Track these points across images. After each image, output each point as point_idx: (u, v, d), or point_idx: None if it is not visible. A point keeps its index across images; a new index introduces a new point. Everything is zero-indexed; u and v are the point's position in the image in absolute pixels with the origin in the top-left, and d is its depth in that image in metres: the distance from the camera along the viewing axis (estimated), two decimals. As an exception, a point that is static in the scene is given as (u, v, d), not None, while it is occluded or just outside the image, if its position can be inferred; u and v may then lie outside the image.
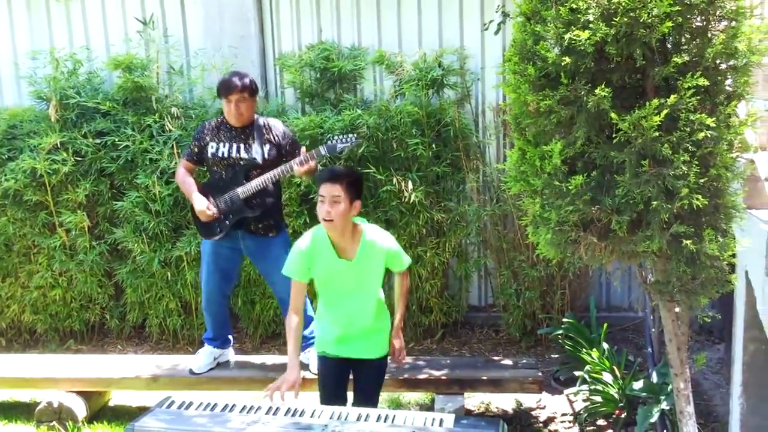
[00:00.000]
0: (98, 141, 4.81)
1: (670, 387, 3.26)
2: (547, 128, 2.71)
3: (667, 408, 3.37)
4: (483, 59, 4.96)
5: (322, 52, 4.88)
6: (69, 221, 4.78)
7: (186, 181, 3.91)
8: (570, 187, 2.58)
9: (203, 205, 3.78)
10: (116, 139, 4.75)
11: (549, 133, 2.73)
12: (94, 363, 4.26)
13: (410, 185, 4.54)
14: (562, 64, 2.58)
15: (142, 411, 2.86)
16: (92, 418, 4.03)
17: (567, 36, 2.56)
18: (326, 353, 3.16)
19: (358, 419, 2.71)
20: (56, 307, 5.00)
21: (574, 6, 2.58)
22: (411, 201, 4.54)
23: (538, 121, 2.73)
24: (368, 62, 4.91)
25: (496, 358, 4.51)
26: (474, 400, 4.13)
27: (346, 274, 3.03)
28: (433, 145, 4.67)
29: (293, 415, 2.75)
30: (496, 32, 4.43)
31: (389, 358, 3.24)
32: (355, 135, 3.84)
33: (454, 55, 4.82)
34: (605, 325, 4.17)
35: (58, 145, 4.74)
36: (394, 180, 4.55)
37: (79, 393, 3.99)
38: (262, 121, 3.86)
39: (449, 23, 4.97)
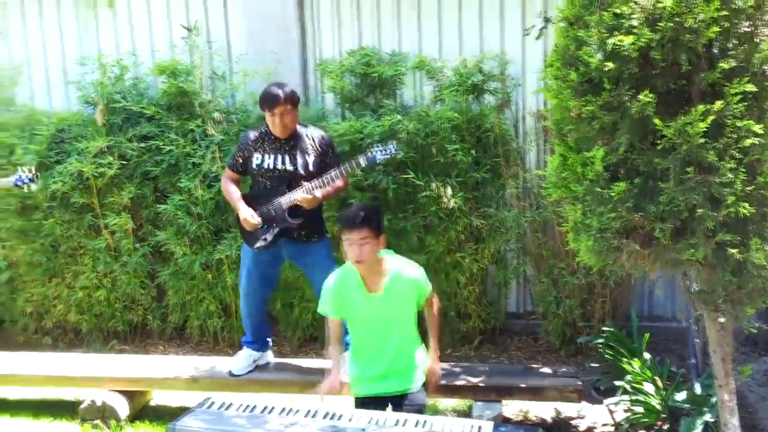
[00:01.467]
0: (143, 145, 4.90)
1: (714, 399, 3.19)
2: (589, 134, 2.69)
3: (711, 420, 3.30)
4: (524, 64, 4.94)
5: (362, 57, 4.91)
6: (114, 223, 4.89)
7: (230, 190, 3.97)
8: (612, 194, 2.56)
9: (248, 214, 3.82)
10: (160, 144, 4.84)
11: (591, 139, 2.71)
12: (136, 363, 4.34)
13: (449, 191, 4.53)
14: (606, 69, 2.56)
15: (183, 411, 2.91)
16: (134, 417, 4.11)
17: (610, 41, 2.55)
18: (362, 395, 3.17)
19: (396, 424, 2.71)
20: (100, 307, 5.11)
21: (618, 11, 2.56)
22: (450, 207, 4.53)
23: (580, 127, 2.71)
24: (408, 68, 4.91)
25: (535, 365, 4.46)
26: (512, 408, 4.10)
27: (375, 308, 3.08)
28: (473, 151, 4.65)
29: (331, 418, 2.77)
30: (538, 37, 4.39)
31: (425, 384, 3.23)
32: (395, 145, 3.86)
33: (494, 61, 4.80)
34: (647, 334, 4.11)
35: (105, 149, 4.85)
36: (433, 185, 4.54)
37: (122, 392, 4.08)
38: (305, 130, 3.90)
39: (490, 29, 4.95)
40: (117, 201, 4.91)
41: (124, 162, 4.89)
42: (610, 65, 2.54)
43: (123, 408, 4.03)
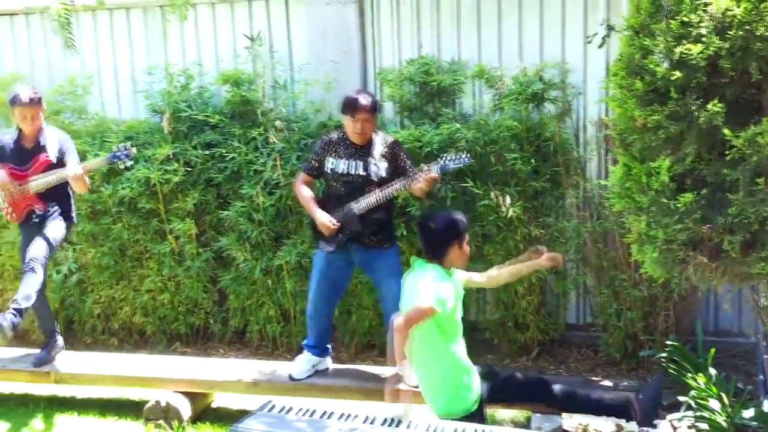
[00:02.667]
0: (207, 152, 5.03)
1: (784, 417, 3.09)
2: (655, 144, 2.66)
3: (781, 439, 3.19)
4: (585, 73, 4.88)
5: (421, 66, 4.93)
6: (178, 228, 5.02)
7: (305, 195, 4.04)
8: (679, 205, 2.52)
9: (326, 219, 3.88)
10: (223, 151, 4.95)
11: (656, 149, 2.67)
12: (198, 365, 4.45)
13: (508, 200, 4.50)
14: (672, 78, 2.52)
15: (243, 414, 2.97)
16: (196, 419, 4.21)
17: (678, 50, 2.51)
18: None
19: (455, 432, 2.71)
20: (164, 310, 5.25)
21: (686, 19, 2.53)
22: (509, 216, 4.50)
23: (645, 137, 2.67)
24: (468, 76, 4.91)
25: (594, 378, 4.39)
26: (571, 421, 4.03)
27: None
28: (532, 160, 4.62)
29: (390, 425, 2.78)
30: (600, 45, 4.33)
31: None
32: (466, 155, 3.86)
33: (555, 69, 4.76)
34: (712, 350, 3.98)
35: (171, 156, 4.99)
36: (492, 194, 4.52)
37: (185, 393, 4.18)
38: (379, 137, 3.95)
39: (550, 36, 4.91)
40: (182, 207, 5.05)
41: (189, 169, 5.02)
42: (678, 74, 2.51)
43: (186, 409, 4.13)
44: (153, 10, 5.48)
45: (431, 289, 2.98)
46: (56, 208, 4.35)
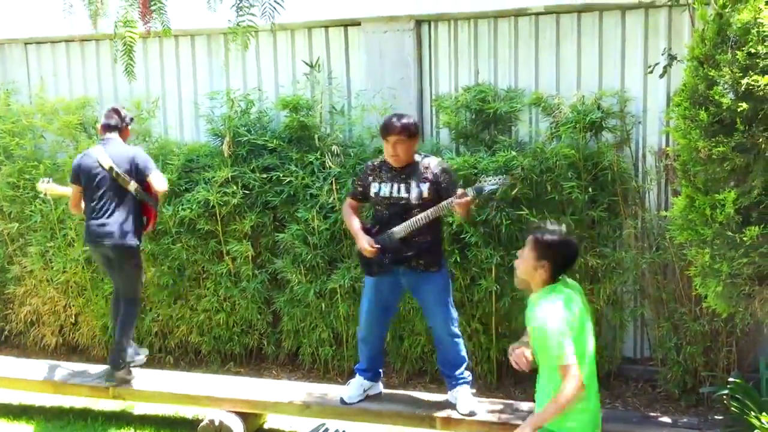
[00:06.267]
0: (264, 176, 5.12)
1: None
2: (719, 176, 2.61)
3: None
4: (645, 102, 4.81)
5: (478, 93, 4.94)
6: (235, 250, 5.12)
7: (350, 219, 4.07)
8: (744, 238, 2.46)
9: (365, 243, 3.91)
10: (281, 175, 5.04)
11: (721, 181, 2.62)
12: (252, 386, 4.50)
13: (564, 229, 4.44)
14: (738, 110, 2.48)
15: (296, 436, 2.97)
16: (248, 439, 4.25)
17: (744, 81, 2.47)
18: None
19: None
20: (220, 330, 5.34)
21: (753, 50, 2.48)
22: (565, 245, 4.45)
23: (709, 168, 2.63)
24: (524, 104, 4.90)
25: (652, 414, 4.27)
26: (627, 457, 3.93)
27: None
28: (590, 189, 4.56)
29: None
30: (662, 75, 4.28)
31: None
32: (503, 177, 3.84)
33: (613, 98, 4.71)
34: (777, 388, 3.85)
35: (229, 179, 5.10)
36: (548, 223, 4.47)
37: (238, 413, 4.23)
38: (421, 159, 3.97)
39: (609, 65, 4.87)
40: (239, 228, 5.14)
41: (247, 191, 5.12)
42: (744, 105, 2.47)
43: (238, 429, 4.17)
44: (216, 37, 5.63)
45: None
46: None
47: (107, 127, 4.50)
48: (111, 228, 4.33)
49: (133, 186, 4.36)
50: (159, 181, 4.40)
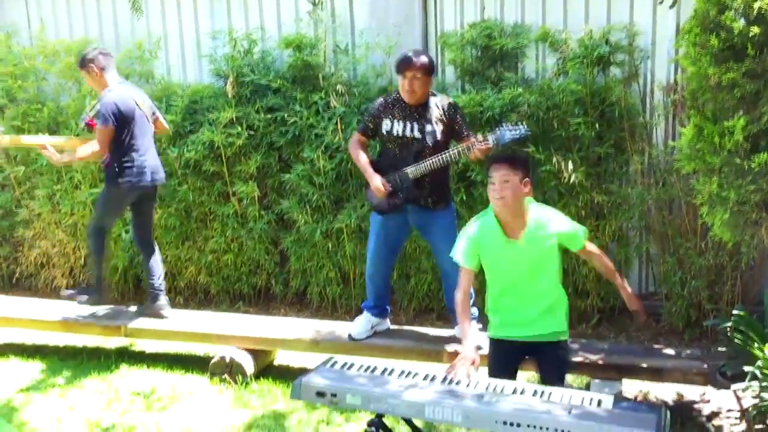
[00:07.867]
0: (269, 116, 5.09)
1: None
2: (729, 103, 2.58)
3: None
4: (654, 35, 4.73)
5: (484, 30, 4.86)
6: (241, 191, 5.13)
7: (359, 157, 4.02)
8: (753, 165, 2.45)
9: (379, 183, 3.90)
10: (285, 115, 5.01)
11: (730, 109, 2.60)
12: (261, 324, 4.57)
13: (570, 166, 4.44)
14: (750, 35, 2.44)
15: (304, 372, 3.02)
16: (259, 375, 4.33)
17: (756, 5, 2.42)
18: (496, 336, 3.18)
19: (514, 392, 2.73)
20: (228, 270, 5.39)
21: (766, -28, 2.43)
22: (570, 182, 4.45)
23: (719, 96, 2.60)
24: (531, 40, 4.83)
25: (657, 347, 4.33)
26: (631, 389, 4.01)
27: (515, 256, 3.03)
28: (596, 125, 4.53)
29: (450, 383, 2.81)
30: (672, 5, 4.19)
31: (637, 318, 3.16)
32: (524, 126, 3.78)
33: (622, 32, 4.63)
34: (780, 319, 3.88)
35: (234, 120, 5.07)
36: (554, 160, 4.46)
37: (249, 350, 4.30)
38: (436, 99, 3.92)
39: (618, -2, 4.78)
40: (244, 170, 5.14)
41: (252, 132, 5.10)
42: (755, 30, 2.43)
43: (249, 365, 4.25)
44: (217, -26, 5.53)
45: None
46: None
47: (113, 68, 4.51)
48: (160, 166, 4.63)
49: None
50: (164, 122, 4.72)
